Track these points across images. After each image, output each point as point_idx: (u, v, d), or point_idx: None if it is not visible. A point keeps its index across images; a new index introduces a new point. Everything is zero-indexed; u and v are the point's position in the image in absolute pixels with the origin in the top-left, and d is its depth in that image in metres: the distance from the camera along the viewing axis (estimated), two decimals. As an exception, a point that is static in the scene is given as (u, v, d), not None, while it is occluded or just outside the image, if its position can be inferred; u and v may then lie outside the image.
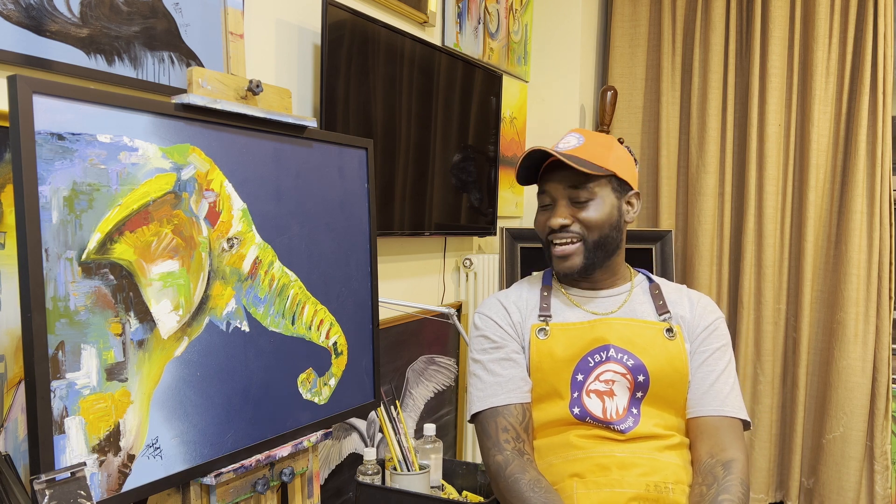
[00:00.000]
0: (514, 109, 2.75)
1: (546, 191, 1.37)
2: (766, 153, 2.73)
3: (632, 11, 2.94)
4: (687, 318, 1.38)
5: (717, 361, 1.35)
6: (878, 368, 2.65)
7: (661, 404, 1.32)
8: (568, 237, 1.34)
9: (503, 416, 1.31)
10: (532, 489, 1.21)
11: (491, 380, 1.34)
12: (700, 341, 1.37)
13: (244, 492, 1.20)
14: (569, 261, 1.35)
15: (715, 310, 1.41)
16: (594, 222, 1.34)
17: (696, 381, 1.34)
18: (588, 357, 1.33)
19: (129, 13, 1.30)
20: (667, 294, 1.41)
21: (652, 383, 1.31)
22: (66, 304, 0.93)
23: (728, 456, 1.27)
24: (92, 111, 0.97)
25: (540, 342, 1.35)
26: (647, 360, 1.31)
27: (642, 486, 1.24)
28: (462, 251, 2.51)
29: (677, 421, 1.34)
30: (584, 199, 1.34)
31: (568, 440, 1.30)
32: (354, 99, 1.79)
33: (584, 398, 1.31)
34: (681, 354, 1.33)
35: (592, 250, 1.35)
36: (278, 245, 1.26)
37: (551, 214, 1.36)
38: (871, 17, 2.61)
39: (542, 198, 1.39)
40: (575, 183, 1.33)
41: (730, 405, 1.32)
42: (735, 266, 2.84)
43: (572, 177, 1.33)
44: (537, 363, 1.34)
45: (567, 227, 1.34)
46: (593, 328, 1.35)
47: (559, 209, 1.35)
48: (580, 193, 1.34)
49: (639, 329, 1.35)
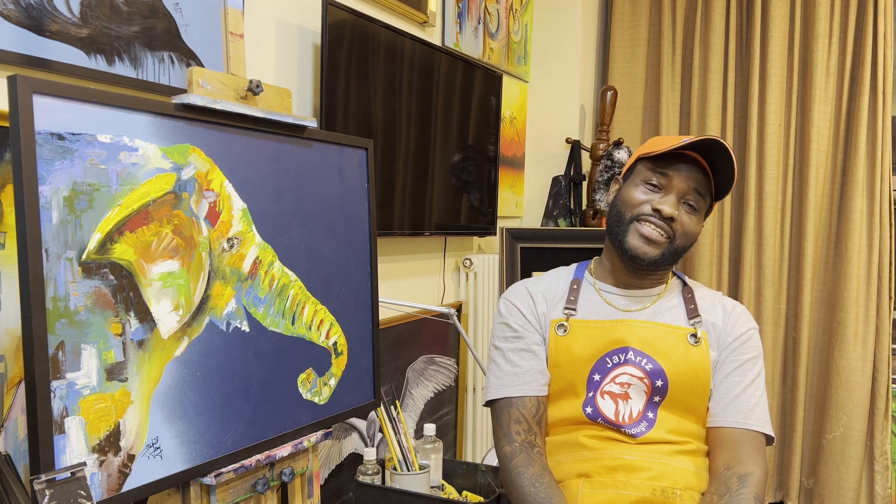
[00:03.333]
0: (514, 109, 2.75)
1: (669, 175, 1.30)
2: (766, 153, 2.73)
3: (632, 11, 2.94)
4: (718, 325, 1.35)
5: (746, 373, 1.32)
6: (878, 368, 2.65)
7: (679, 410, 1.30)
8: (664, 229, 1.30)
9: (517, 407, 1.31)
10: (533, 484, 1.21)
11: (509, 369, 1.34)
12: (730, 351, 1.34)
13: (244, 492, 1.20)
14: (651, 246, 1.30)
15: (749, 320, 1.38)
16: (690, 232, 1.31)
17: (722, 390, 1.31)
18: (606, 357, 1.31)
19: (129, 13, 1.30)
20: (700, 299, 1.38)
21: (671, 388, 1.29)
22: (66, 304, 0.93)
23: (745, 469, 1.24)
24: (92, 111, 0.97)
25: (559, 338, 1.34)
26: (667, 365, 1.29)
27: (648, 489, 1.23)
28: (462, 251, 2.51)
29: (696, 428, 1.31)
30: (695, 207, 1.31)
31: (577, 440, 1.30)
32: (354, 99, 1.79)
33: (597, 399, 1.30)
34: (704, 361, 1.31)
35: (672, 254, 1.32)
36: (278, 245, 1.26)
37: (662, 199, 1.30)
38: (871, 17, 2.61)
39: (657, 178, 1.31)
40: (701, 189, 1.30)
41: (754, 418, 1.29)
42: (735, 266, 2.84)
43: (701, 182, 1.30)
44: (555, 359, 1.33)
45: (671, 221, 1.29)
46: (614, 328, 1.33)
47: (672, 199, 1.30)
48: (698, 201, 1.31)
49: (661, 333, 1.32)
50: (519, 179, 2.83)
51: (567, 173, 2.83)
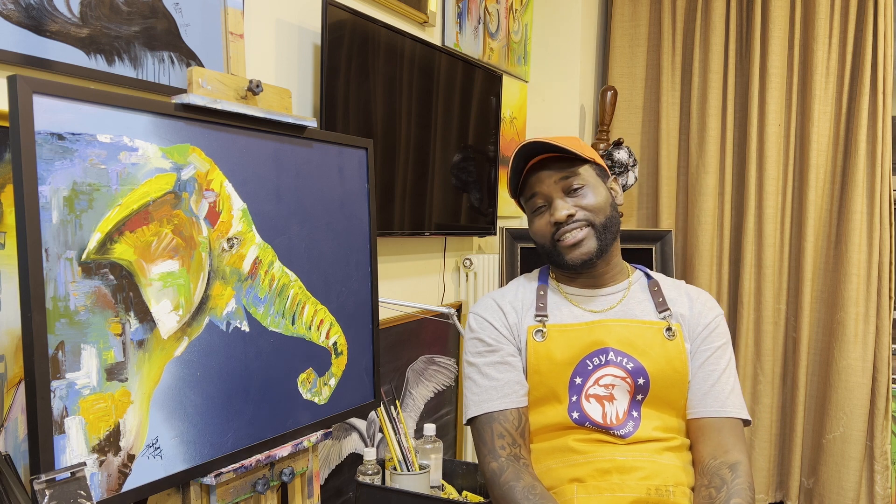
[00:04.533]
0: (514, 109, 2.75)
1: (537, 191, 1.35)
2: (766, 153, 2.73)
3: (632, 11, 2.94)
4: (686, 316, 1.36)
5: (718, 360, 1.34)
6: (878, 368, 2.65)
7: (661, 406, 1.31)
8: (577, 225, 1.32)
9: (499, 421, 1.29)
10: (527, 497, 1.20)
11: (486, 384, 1.33)
12: (701, 340, 1.35)
13: (244, 492, 1.20)
14: (583, 246, 1.32)
15: (714, 306, 1.39)
16: (596, 205, 1.32)
17: (697, 381, 1.33)
18: (587, 360, 1.31)
19: (129, 13, 1.30)
20: (666, 291, 1.39)
21: (652, 385, 1.30)
22: (66, 304, 0.93)
23: (732, 458, 1.26)
24: (92, 111, 0.97)
25: (537, 344, 1.33)
26: (647, 363, 1.30)
27: (643, 489, 1.24)
28: (462, 251, 2.51)
29: (678, 422, 1.33)
30: (578, 186, 1.32)
31: (567, 444, 1.29)
32: (354, 99, 1.79)
33: (583, 403, 1.30)
34: (680, 355, 1.32)
35: (602, 232, 1.33)
36: (278, 245, 1.26)
37: (552, 211, 1.33)
38: (871, 17, 2.61)
39: (533, 202, 1.36)
40: (565, 173, 1.32)
41: (731, 405, 1.31)
42: (735, 266, 2.84)
43: (560, 168, 1.32)
44: (535, 366, 1.33)
45: (573, 216, 1.32)
46: (591, 330, 1.33)
47: (558, 203, 1.33)
48: (573, 181, 1.32)
49: (638, 330, 1.33)
50: (519, 179, 2.83)
51: (567, 173, 2.83)
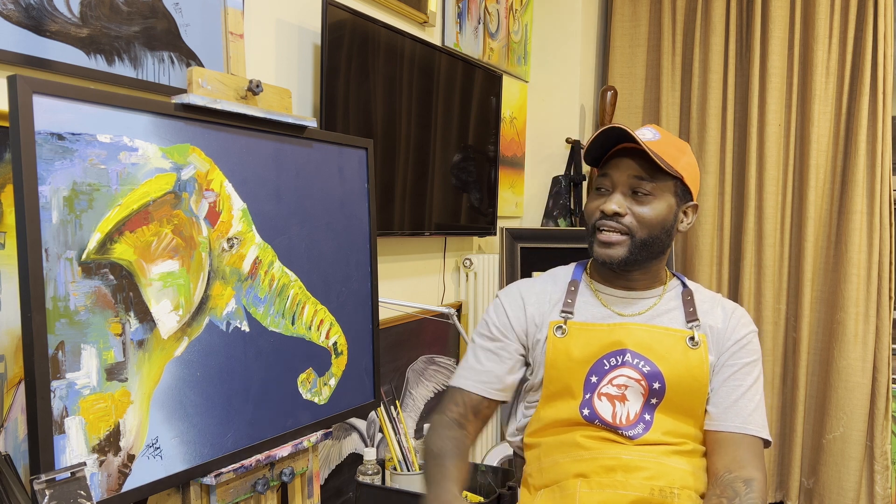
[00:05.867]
0: (514, 109, 2.75)
1: (608, 174, 1.31)
2: (766, 153, 2.73)
3: (632, 11, 2.94)
4: (718, 328, 1.34)
5: (746, 377, 1.32)
6: (878, 368, 2.65)
7: (677, 412, 1.30)
8: (618, 227, 1.29)
9: (463, 397, 1.35)
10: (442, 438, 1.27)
11: (473, 364, 1.37)
12: (730, 354, 1.33)
13: (244, 492, 1.20)
14: (612, 249, 1.30)
15: (749, 323, 1.37)
16: (648, 220, 1.29)
17: (721, 394, 1.31)
18: (604, 360, 1.31)
19: (129, 13, 1.30)
20: (699, 302, 1.37)
21: (668, 391, 1.29)
22: (66, 304, 0.93)
23: (748, 474, 1.24)
24: (92, 111, 0.97)
25: (557, 340, 1.34)
26: (665, 368, 1.29)
27: (646, 489, 1.23)
28: (462, 251, 2.51)
29: (693, 430, 1.31)
30: (645, 193, 1.28)
31: (575, 440, 1.30)
32: (354, 99, 1.79)
33: (594, 400, 1.30)
34: (702, 365, 1.30)
35: (638, 247, 1.30)
36: (278, 245, 1.26)
37: (606, 199, 1.30)
38: (871, 17, 2.61)
39: (600, 181, 1.33)
40: (642, 175, 1.28)
41: (753, 423, 1.29)
42: (735, 266, 2.84)
43: (641, 168, 1.28)
44: (552, 360, 1.33)
45: (619, 217, 1.29)
46: (612, 331, 1.33)
47: (616, 196, 1.29)
48: (644, 185, 1.28)
49: (659, 335, 1.32)
50: (519, 179, 2.83)
51: (567, 173, 2.83)
